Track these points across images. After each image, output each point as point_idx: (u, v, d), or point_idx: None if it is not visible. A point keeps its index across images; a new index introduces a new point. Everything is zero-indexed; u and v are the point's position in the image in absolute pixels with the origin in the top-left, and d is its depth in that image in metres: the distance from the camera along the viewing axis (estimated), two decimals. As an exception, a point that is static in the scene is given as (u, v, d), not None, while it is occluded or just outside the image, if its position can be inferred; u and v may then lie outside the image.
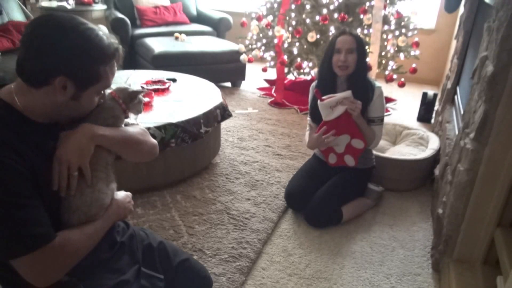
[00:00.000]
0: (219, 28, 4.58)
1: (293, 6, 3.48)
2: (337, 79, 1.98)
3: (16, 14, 3.39)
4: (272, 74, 4.18)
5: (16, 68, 0.90)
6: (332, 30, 3.33)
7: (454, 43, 3.40)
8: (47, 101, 0.91)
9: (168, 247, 1.28)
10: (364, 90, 1.94)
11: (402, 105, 3.84)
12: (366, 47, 2.01)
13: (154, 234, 1.31)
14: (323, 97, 1.89)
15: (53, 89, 0.89)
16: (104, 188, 1.02)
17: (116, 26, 4.04)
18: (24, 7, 3.57)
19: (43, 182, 0.90)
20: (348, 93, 1.86)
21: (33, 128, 0.92)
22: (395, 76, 3.51)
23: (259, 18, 3.66)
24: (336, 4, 3.35)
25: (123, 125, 1.12)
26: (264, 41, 3.72)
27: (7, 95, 0.91)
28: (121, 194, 1.15)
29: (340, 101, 1.86)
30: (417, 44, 3.53)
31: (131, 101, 1.12)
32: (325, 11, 3.35)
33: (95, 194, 0.99)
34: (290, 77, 4.19)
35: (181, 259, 1.27)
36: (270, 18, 3.66)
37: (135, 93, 1.13)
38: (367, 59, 2.11)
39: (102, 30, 0.96)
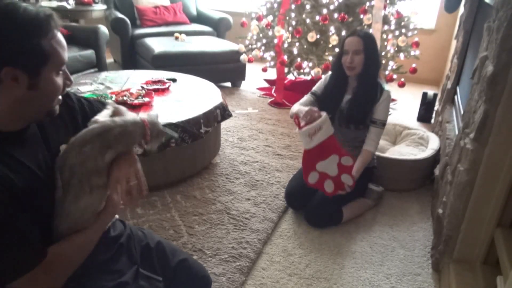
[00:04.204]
0: (219, 28, 4.58)
1: (293, 6, 3.48)
2: (349, 77, 2.01)
3: (16, 14, 3.39)
4: (272, 74, 4.18)
5: None
6: (332, 30, 3.33)
7: (454, 43, 3.40)
8: (5, 102, 0.81)
9: (167, 247, 1.27)
10: (371, 90, 1.96)
11: (402, 105, 3.84)
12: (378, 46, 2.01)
13: (152, 234, 1.30)
14: (301, 125, 1.83)
15: (5, 86, 0.79)
16: (99, 195, 0.97)
17: (116, 26, 4.04)
18: (24, 7, 3.57)
19: (29, 195, 0.83)
20: (324, 117, 1.81)
21: (5, 140, 0.83)
22: (395, 76, 3.51)
23: (259, 18, 3.66)
24: (336, 4, 3.35)
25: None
26: (264, 41, 3.72)
27: None
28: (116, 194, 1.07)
29: (319, 128, 1.80)
30: (417, 44, 3.52)
31: (156, 137, 1.05)
32: (325, 11, 3.35)
33: (90, 200, 0.94)
34: (290, 77, 4.19)
35: (179, 259, 1.26)
36: (270, 18, 3.66)
37: (163, 134, 1.07)
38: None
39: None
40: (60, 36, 0.85)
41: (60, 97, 0.91)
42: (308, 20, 3.44)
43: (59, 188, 0.91)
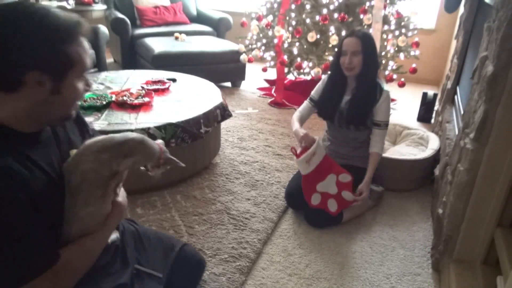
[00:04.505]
0: (219, 28, 4.58)
1: (293, 6, 3.48)
2: (348, 78, 2.01)
3: (16, 14, 3.39)
4: (272, 74, 4.18)
5: None
6: (332, 30, 3.33)
7: (454, 43, 3.40)
8: (27, 104, 0.82)
9: (162, 237, 1.30)
10: (371, 90, 1.96)
11: (402, 105, 3.84)
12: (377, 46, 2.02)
13: (144, 226, 1.32)
14: (298, 153, 1.93)
15: (29, 88, 0.80)
16: (108, 200, 0.99)
17: (116, 26, 4.04)
18: (24, 7, 3.57)
19: (43, 197, 0.84)
20: (316, 143, 1.90)
21: (23, 141, 0.84)
22: (395, 76, 3.51)
23: (259, 18, 3.66)
24: (336, 4, 3.35)
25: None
26: (264, 41, 3.72)
27: None
28: (122, 194, 1.11)
29: (313, 153, 1.90)
30: (417, 44, 3.53)
31: (164, 165, 1.08)
32: (325, 11, 3.35)
33: (100, 205, 0.96)
34: (290, 77, 4.19)
35: (176, 248, 1.29)
36: (270, 18, 3.66)
37: (173, 163, 1.11)
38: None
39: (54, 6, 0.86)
40: (85, 42, 0.88)
41: (78, 102, 0.93)
42: (308, 20, 3.44)
43: (67, 192, 0.92)
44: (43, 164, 0.86)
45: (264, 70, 3.87)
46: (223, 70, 3.96)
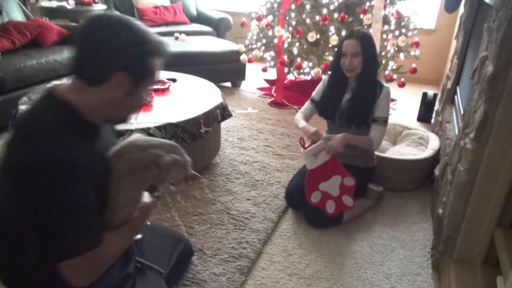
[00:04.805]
0: (219, 28, 4.57)
1: (293, 6, 3.48)
2: (348, 77, 2.02)
3: (16, 14, 3.39)
4: (272, 74, 4.17)
5: (71, 68, 0.93)
6: (332, 30, 3.33)
7: (454, 43, 3.39)
8: (104, 98, 0.93)
9: (170, 233, 1.41)
10: (371, 89, 1.97)
11: (402, 105, 3.84)
12: (376, 46, 2.03)
13: (154, 223, 1.38)
14: (306, 145, 1.93)
15: (110, 85, 0.92)
16: (143, 191, 1.08)
17: (116, 26, 4.03)
18: (24, 7, 3.56)
19: (100, 183, 0.94)
20: (326, 139, 1.92)
21: (90, 130, 0.97)
22: (395, 76, 3.51)
23: (259, 18, 3.65)
24: (336, 4, 3.35)
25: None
26: (264, 41, 3.72)
27: (66, 95, 0.92)
28: (147, 196, 1.18)
29: (322, 148, 1.90)
30: (417, 44, 3.52)
31: (190, 176, 1.12)
32: (325, 11, 3.35)
33: (137, 195, 1.04)
34: (290, 77, 4.19)
35: (182, 244, 1.41)
36: (270, 18, 3.66)
37: (196, 177, 1.17)
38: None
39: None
40: (161, 62, 1.02)
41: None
42: (308, 20, 3.44)
43: (113, 180, 0.99)
44: (100, 153, 0.98)
45: (264, 70, 3.87)
46: (223, 70, 3.96)
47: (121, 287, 1.08)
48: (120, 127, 1.97)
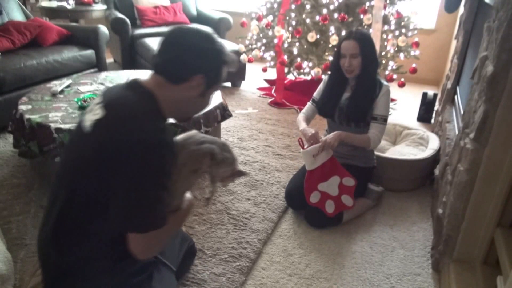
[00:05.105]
0: (219, 28, 4.57)
1: (293, 6, 3.48)
2: (348, 78, 2.02)
3: (16, 14, 3.39)
4: (272, 74, 4.18)
5: (156, 67, 1.06)
6: (332, 30, 3.33)
7: (454, 43, 3.40)
8: (181, 96, 1.06)
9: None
10: (371, 88, 1.97)
11: (402, 105, 3.84)
12: (375, 46, 2.02)
13: None
14: (305, 146, 1.94)
15: (189, 85, 1.05)
16: (194, 179, 1.21)
17: (116, 26, 4.04)
18: (24, 7, 3.56)
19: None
20: (320, 143, 1.92)
21: (164, 121, 1.08)
22: (395, 76, 3.50)
23: (259, 18, 3.65)
24: (336, 4, 3.35)
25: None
26: (264, 41, 3.72)
27: (150, 87, 1.05)
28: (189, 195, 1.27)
29: (322, 149, 1.91)
30: (417, 44, 3.52)
31: (237, 173, 1.29)
32: (325, 11, 3.35)
33: (190, 182, 1.18)
34: (290, 77, 4.19)
35: (180, 238, 1.48)
36: (270, 18, 3.66)
37: (241, 173, 1.32)
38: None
39: None
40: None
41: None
42: (308, 20, 3.44)
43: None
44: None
45: (264, 70, 3.87)
46: (223, 70, 3.96)
47: (141, 273, 1.16)
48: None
